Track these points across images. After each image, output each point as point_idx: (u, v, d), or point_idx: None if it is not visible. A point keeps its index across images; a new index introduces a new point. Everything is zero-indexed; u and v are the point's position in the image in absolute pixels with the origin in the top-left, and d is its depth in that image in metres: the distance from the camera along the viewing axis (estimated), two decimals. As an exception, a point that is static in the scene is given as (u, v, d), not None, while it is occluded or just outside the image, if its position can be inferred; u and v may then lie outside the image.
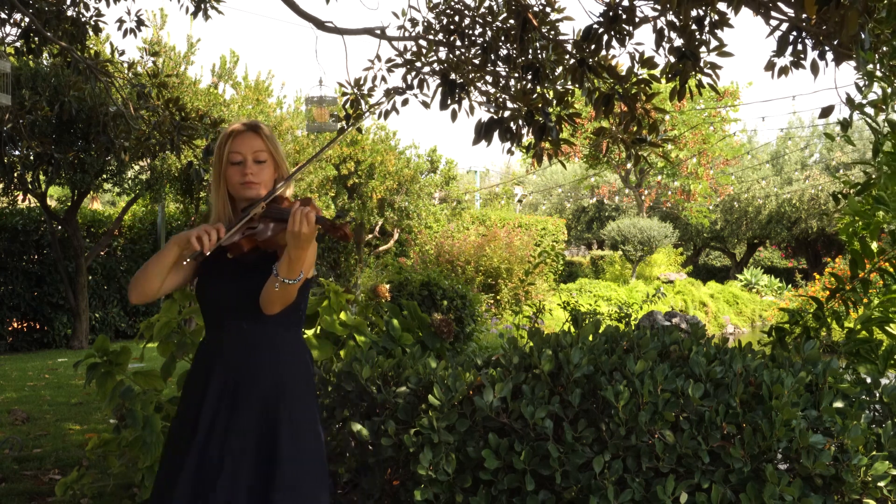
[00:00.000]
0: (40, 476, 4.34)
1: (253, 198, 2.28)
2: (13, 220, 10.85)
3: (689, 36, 3.75)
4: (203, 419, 2.17)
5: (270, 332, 2.24)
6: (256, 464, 2.15)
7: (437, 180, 14.63)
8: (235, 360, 2.22)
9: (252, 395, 2.19)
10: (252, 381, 2.20)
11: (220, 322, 2.26)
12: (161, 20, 11.69)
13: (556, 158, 4.44)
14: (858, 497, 2.59)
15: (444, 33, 4.47)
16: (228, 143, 2.28)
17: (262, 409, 2.18)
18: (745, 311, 18.89)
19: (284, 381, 2.23)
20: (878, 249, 3.59)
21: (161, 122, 6.19)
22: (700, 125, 20.74)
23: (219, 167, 2.30)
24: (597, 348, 2.84)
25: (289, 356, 2.27)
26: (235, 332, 2.23)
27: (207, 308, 2.30)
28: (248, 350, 2.22)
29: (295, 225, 2.01)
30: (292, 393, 2.23)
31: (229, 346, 2.23)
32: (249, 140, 2.29)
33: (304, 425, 2.23)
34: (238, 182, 2.27)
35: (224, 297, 2.25)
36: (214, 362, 2.23)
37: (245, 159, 2.27)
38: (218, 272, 2.27)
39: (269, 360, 2.22)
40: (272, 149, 2.32)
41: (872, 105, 3.33)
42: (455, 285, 7.41)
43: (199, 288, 2.31)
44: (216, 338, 2.27)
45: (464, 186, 19.26)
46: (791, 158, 26.73)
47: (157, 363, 7.21)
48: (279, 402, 2.20)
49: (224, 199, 2.30)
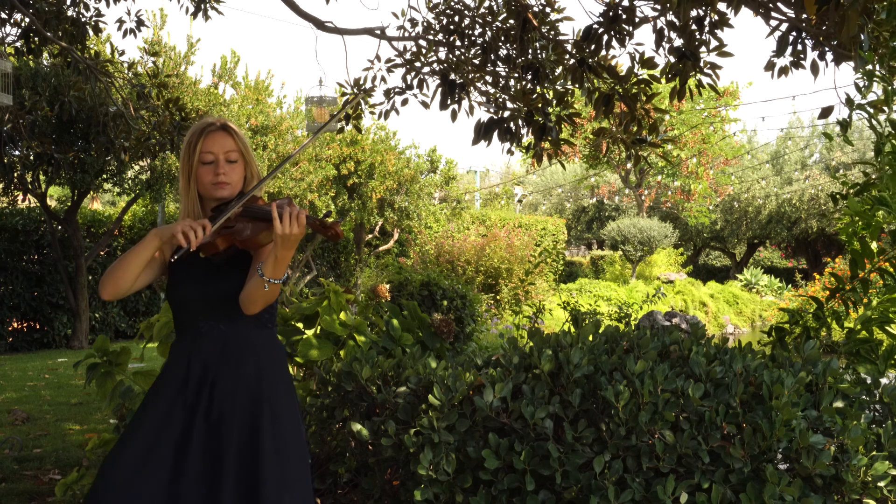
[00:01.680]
0: (40, 476, 4.34)
1: (224, 198, 2.25)
2: (13, 220, 10.85)
3: (689, 36, 3.75)
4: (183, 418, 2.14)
5: (246, 331, 2.23)
6: (239, 464, 2.13)
7: (437, 180, 14.63)
8: (213, 360, 2.19)
9: (233, 394, 2.18)
10: (232, 382, 2.18)
11: (196, 324, 2.23)
12: (161, 20, 11.68)
13: (556, 158, 4.44)
14: (858, 497, 2.59)
15: (443, 33, 4.47)
16: (200, 142, 2.24)
17: (243, 407, 2.17)
18: (745, 311, 18.89)
19: (265, 381, 2.22)
20: (878, 249, 3.59)
21: (161, 122, 6.20)
22: (700, 125, 20.74)
23: (188, 166, 2.26)
24: (597, 348, 2.84)
25: (267, 355, 2.26)
26: (212, 334, 2.21)
27: (182, 309, 2.26)
28: (227, 351, 2.20)
29: (286, 227, 1.99)
30: (272, 391, 2.22)
31: (207, 347, 2.21)
32: (221, 139, 2.26)
33: (286, 422, 2.22)
34: (210, 182, 2.25)
35: (199, 298, 2.22)
36: (191, 362, 2.20)
37: (217, 159, 2.25)
38: (190, 273, 2.24)
39: (247, 361, 2.21)
40: (243, 148, 2.30)
41: (872, 105, 3.34)
42: (455, 285, 7.41)
43: (171, 289, 2.27)
44: (192, 339, 2.23)
45: (464, 186, 19.26)
46: (791, 158, 26.75)
47: (157, 363, 7.22)
48: (261, 400, 2.19)
49: (194, 198, 2.28)
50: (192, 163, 2.25)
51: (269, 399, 2.20)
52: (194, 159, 2.25)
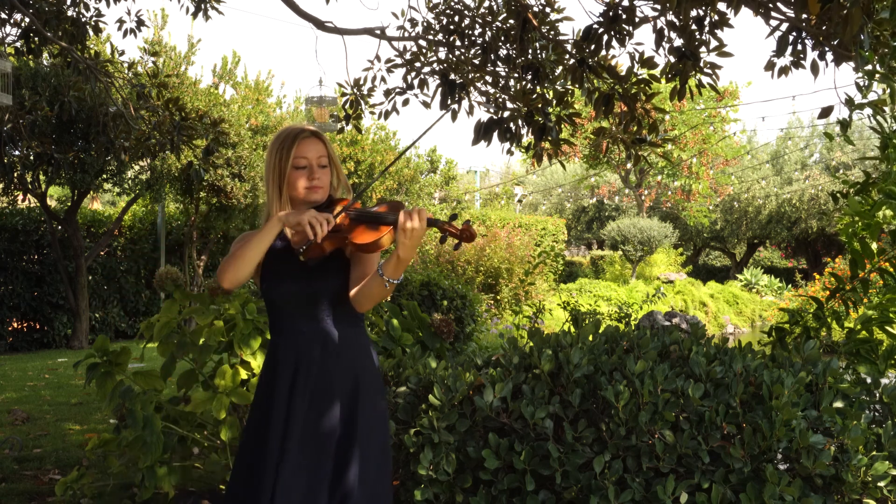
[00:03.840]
0: (40, 476, 4.34)
1: (317, 201, 2.30)
2: (13, 220, 10.84)
3: (689, 36, 3.75)
4: (291, 422, 2.20)
5: (342, 330, 2.27)
6: (335, 463, 2.20)
7: (437, 180, 14.64)
8: (315, 360, 2.24)
9: (331, 393, 2.23)
10: (330, 381, 2.23)
11: (294, 323, 2.27)
12: (161, 20, 11.69)
13: (556, 158, 4.44)
14: (858, 497, 2.59)
15: (443, 33, 4.47)
16: (294, 147, 2.28)
17: (342, 406, 2.23)
18: (745, 311, 18.89)
19: (360, 378, 2.26)
20: (878, 249, 3.59)
21: (161, 122, 6.20)
22: (700, 125, 20.74)
23: (280, 171, 2.29)
24: (597, 348, 2.84)
25: (363, 353, 2.31)
26: (312, 333, 2.25)
27: (279, 309, 2.30)
28: (327, 350, 2.25)
29: (407, 221, 2.03)
30: (367, 389, 2.27)
31: (305, 346, 2.25)
32: (314, 145, 2.30)
33: (376, 421, 2.28)
34: (304, 186, 2.28)
35: (297, 298, 2.26)
36: (296, 363, 2.25)
37: (311, 164, 2.29)
38: (288, 273, 2.27)
39: (346, 359, 2.26)
40: (332, 154, 2.36)
41: (873, 105, 3.33)
42: (455, 285, 7.41)
43: (270, 287, 2.29)
44: (292, 339, 2.27)
45: (464, 186, 19.26)
46: (791, 158, 26.75)
47: (157, 363, 7.22)
48: (357, 399, 2.24)
49: (286, 202, 2.30)
50: (285, 166, 2.28)
51: (363, 401, 2.25)
52: (287, 163, 2.28)
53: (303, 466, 2.17)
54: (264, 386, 2.30)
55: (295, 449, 2.18)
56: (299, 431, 2.19)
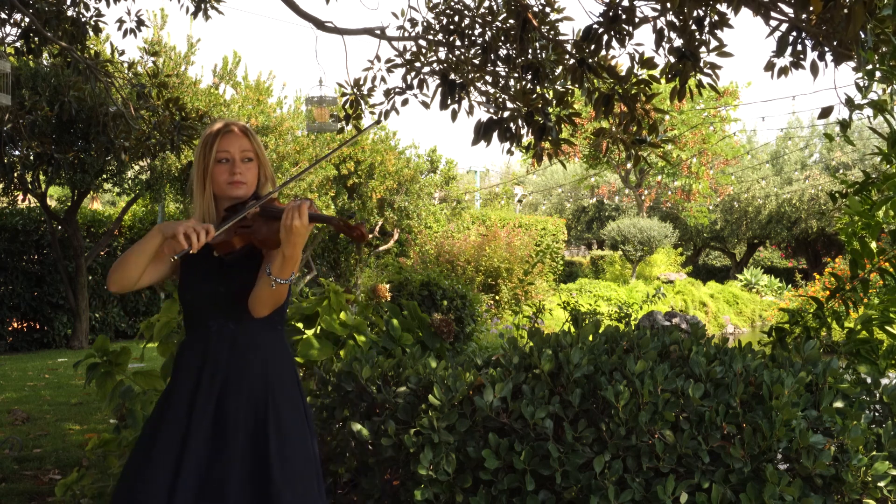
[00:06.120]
0: (40, 476, 4.34)
1: (240, 197, 2.27)
2: (13, 220, 10.84)
3: (689, 36, 3.75)
4: (194, 422, 2.15)
5: (256, 332, 2.23)
6: (251, 467, 2.15)
7: (437, 180, 14.63)
8: (222, 360, 2.20)
9: (240, 395, 2.19)
10: (239, 382, 2.19)
11: (206, 323, 2.24)
12: (161, 20, 11.69)
13: (556, 158, 4.44)
14: (858, 497, 2.59)
15: (443, 33, 4.47)
16: (216, 141, 2.27)
17: (252, 409, 2.18)
18: (745, 311, 18.89)
19: (272, 381, 2.22)
20: (878, 249, 3.59)
21: (161, 122, 6.20)
22: (700, 125, 20.74)
23: (203, 166, 2.27)
24: (597, 348, 2.84)
25: (275, 356, 2.26)
26: (222, 333, 2.22)
27: (192, 308, 2.28)
28: (235, 351, 2.21)
29: (286, 219, 2.00)
30: (280, 392, 2.23)
31: (215, 346, 2.21)
32: (237, 139, 2.28)
33: (292, 425, 2.23)
34: (225, 181, 2.26)
35: (211, 297, 2.23)
36: (202, 363, 2.21)
37: (233, 158, 2.27)
38: (202, 272, 2.25)
39: (256, 361, 2.22)
40: (258, 149, 2.32)
41: (873, 105, 3.33)
42: (455, 285, 7.40)
43: (182, 288, 2.28)
44: (201, 338, 2.24)
45: (464, 186, 19.26)
46: (791, 158, 26.75)
47: (157, 363, 7.21)
48: (267, 402, 2.20)
49: (210, 198, 2.29)
50: (208, 162, 2.27)
51: (274, 402, 2.21)
52: (210, 158, 2.27)
53: (209, 459, 2.13)
54: (168, 385, 2.27)
55: (198, 447, 2.13)
56: (204, 433, 2.14)
